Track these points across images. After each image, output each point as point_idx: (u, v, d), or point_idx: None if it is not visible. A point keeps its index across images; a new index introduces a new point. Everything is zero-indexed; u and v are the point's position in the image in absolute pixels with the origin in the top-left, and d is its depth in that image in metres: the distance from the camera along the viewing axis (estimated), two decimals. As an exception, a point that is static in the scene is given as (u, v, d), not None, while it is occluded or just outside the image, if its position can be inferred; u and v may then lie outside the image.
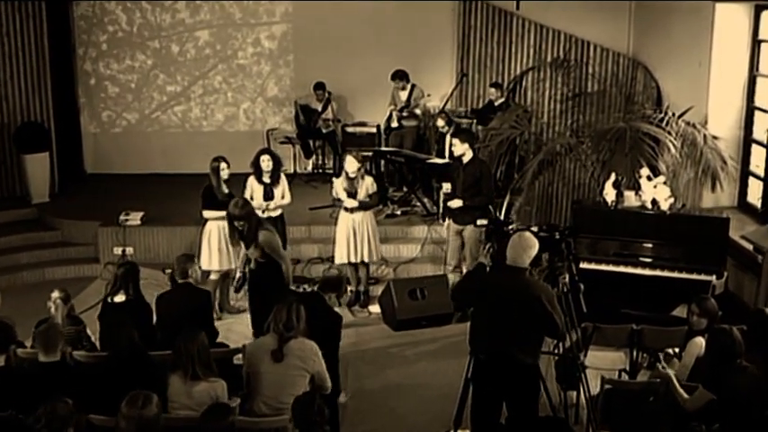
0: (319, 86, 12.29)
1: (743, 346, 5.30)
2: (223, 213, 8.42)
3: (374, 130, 12.54)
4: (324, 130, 12.43)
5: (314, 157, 12.90)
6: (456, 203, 8.73)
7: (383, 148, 11.84)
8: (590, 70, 12.07)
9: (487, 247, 5.84)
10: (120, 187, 12.18)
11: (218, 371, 5.39)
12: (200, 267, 6.78)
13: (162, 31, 12.85)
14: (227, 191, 8.69)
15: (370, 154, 11.79)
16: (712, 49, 9.63)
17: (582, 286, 5.93)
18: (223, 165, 8.63)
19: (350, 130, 12.67)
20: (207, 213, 8.69)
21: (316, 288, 6.62)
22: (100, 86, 12.96)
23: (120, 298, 6.59)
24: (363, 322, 8.97)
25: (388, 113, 12.02)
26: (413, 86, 11.86)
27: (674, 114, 9.38)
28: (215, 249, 8.65)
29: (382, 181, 11.84)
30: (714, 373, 5.24)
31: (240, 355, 6.01)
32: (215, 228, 8.68)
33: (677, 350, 6.86)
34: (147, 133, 13.13)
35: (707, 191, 9.44)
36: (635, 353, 6.70)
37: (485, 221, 6.45)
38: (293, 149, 12.75)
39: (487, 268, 5.67)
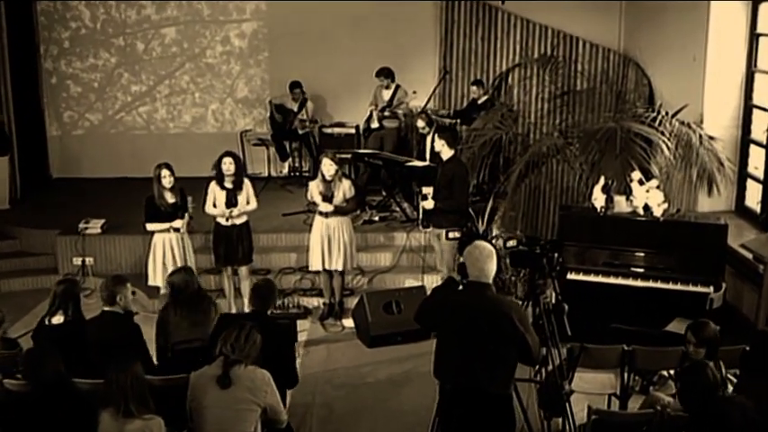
0: (295, 85, 11.75)
1: (719, 376, 4.73)
2: (166, 225, 7.97)
3: (353, 131, 11.98)
4: (300, 132, 11.87)
5: (290, 159, 12.33)
6: (428, 204, 8.20)
7: (362, 150, 11.23)
8: (579, 67, 11.50)
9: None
10: (85, 192, 11.67)
11: (155, 407, 4.76)
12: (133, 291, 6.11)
13: (127, 28, 12.37)
14: (172, 200, 8.11)
15: (349, 156, 11.29)
16: (708, 43, 9.09)
17: (566, 307, 5.31)
18: (165, 172, 8.03)
19: (327, 131, 12.14)
20: (150, 226, 8.17)
21: (250, 306, 5.99)
22: (62, 86, 12.46)
23: (57, 319, 5.95)
24: (335, 338, 8.37)
25: (368, 113, 11.43)
26: (397, 86, 11.32)
27: (667, 113, 8.81)
28: (159, 264, 8.12)
29: (361, 185, 11.31)
30: (699, 412, 4.65)
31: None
32: (160, 241, 8.15)
33: (672, 372, 6.34)
34: (115, 135, 12.61)
35: (702, 194, 8.87)
36: (626, 375, 6.09)
37: (457, 234, 5.62)
38: (267, 152, 12.19)
39: (460, 285, 5.04)
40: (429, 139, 10.36)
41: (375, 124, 11.31)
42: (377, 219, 10.29)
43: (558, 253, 5.28)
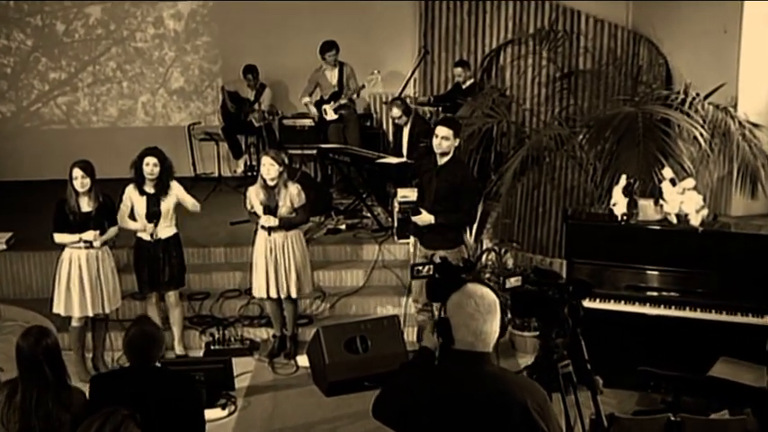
0: (250, 70, 10.13)
1: None
2: (75, 237, 6.34)
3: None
4: (256, 124, 10.17)
5: (245, 156, 10.60)
6: (425, 219, 6.42)
7: (327, 145, 9.51)
8: (582, 44, 9.82)
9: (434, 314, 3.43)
10: (5, 199, 9.85)
11: None
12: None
13: (45, 6, 10.91)
14: (87, 208, 6.42)
15: (314, 152, 9.67)
16: (743, 10, 7.47)
17: (600, 381, 3.56)
18: (77, 172, 6.31)
19: (288, 123, 10.42)
20: (57, 237, 6.50)
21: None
22: (-33, 71, 11.00)
23: None
24: (285, 382, 6.63)
25: (313, 106, 9.87)
26: (342, 65, 9.69)
27: (698, 95, 7.11)
28: (63, 286, 6.48)
29: (328, 186, 9.67)
30: None
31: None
32: (67, 257, 6.48)
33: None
34: (30, 130, 11.06)
35: (738, 195, 7.20)
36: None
37: (423, 269, 3.63)
38: (218, 148, 10.52)
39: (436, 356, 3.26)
40: (406, 130, 8.75)
41: (331, 116, 9.63)
42: (343, 227, 8.60)
43: (585, 298, 3.54)
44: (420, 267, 3.64)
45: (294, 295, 6.77)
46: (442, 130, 6.33)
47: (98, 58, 11.00)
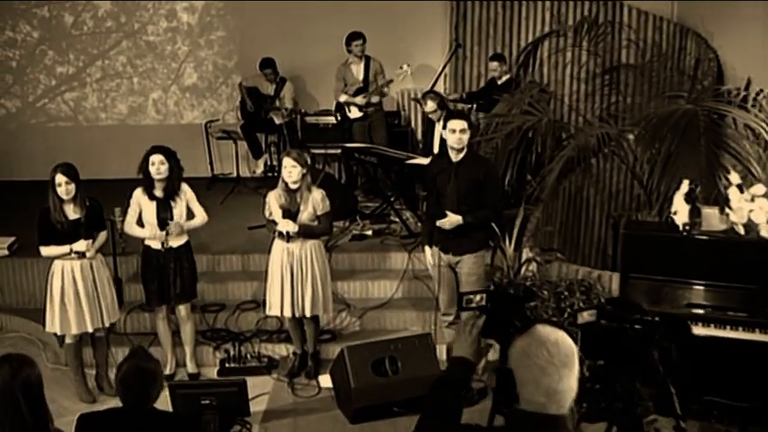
0: (267, 64, 9.56)
1: None
2: (66, 249, 5.79)
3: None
4: (277, 121, 9.58)
5: (265, 156, 10.02)
6: (453, 221, 5.83)
7: (352, 144, 8.92)
8: (624, 37, 9.16)
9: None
10: (9, 201, 9.29)
11: None
12: None
13: None
14: (74, 215, 5.88)
15: (338, 152, 9.14)
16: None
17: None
18: (60, 178, 5.76)
19: (311, 120, 9.87)
20: (44, 250, 5.94)
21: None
22: (-30, 64, 10.49)
23: None
24: (306, 405, 6.03)
25: (335, 103, 9.34)
26: (368, 59, 9.11)
27: (761, 91, 6.44)
28: (57, 302, 5.91)
29: (353, 188, 9.10)
30: None
31: None
32: (59, 270, 5.93)
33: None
34: (36, 127, 10.55)
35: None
36: None
37: (475, 297, 2.94)
38: (236, 147, 9.96)
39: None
40: (438, 128, 8.11)
41: (355, 114, 9.07)
42: (370, 233, 8.01)
43: (679, 339, 2.90)
44: (471, 296, 2.99)
45: (309, 314, 6.17)
46: (459, 124, 5.78)
47: (107, 51, 10.45)
